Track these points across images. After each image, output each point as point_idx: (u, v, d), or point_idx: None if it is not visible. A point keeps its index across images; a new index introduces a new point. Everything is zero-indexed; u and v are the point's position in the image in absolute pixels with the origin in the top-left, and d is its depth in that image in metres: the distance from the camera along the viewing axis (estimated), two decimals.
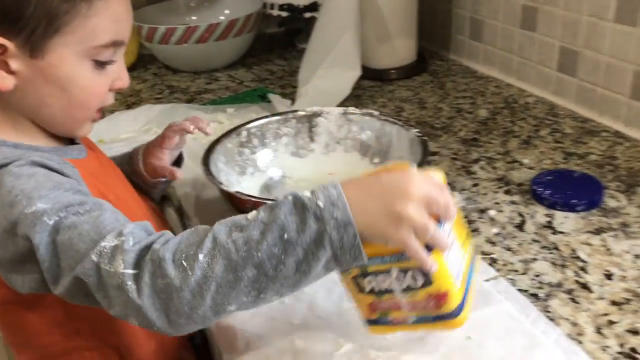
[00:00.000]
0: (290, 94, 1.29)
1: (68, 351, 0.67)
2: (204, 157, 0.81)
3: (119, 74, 0.65)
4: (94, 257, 0.51)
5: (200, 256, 0.50)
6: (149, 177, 0.81)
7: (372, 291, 0.58)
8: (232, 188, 0.75)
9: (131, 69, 1.38)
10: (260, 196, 0.75)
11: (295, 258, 0.50)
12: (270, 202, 0.73)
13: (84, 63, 0.61)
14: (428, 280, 0.55)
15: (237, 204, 0.76)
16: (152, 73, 1.48)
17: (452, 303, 0.56)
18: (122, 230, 0.53)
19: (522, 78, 1.25)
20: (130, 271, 0.51)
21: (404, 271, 0.55)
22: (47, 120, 0.65)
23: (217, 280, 0.50)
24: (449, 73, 1.36)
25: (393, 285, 0.56)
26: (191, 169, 0.90)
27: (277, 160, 0.91)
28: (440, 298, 0.56)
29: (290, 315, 0.68)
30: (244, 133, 0.90)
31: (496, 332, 0.64)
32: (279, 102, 1.21)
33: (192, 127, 0.79)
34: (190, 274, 0.50)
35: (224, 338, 0.67)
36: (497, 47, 1.30)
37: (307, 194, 0.52)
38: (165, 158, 0.80)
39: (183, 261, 0.50)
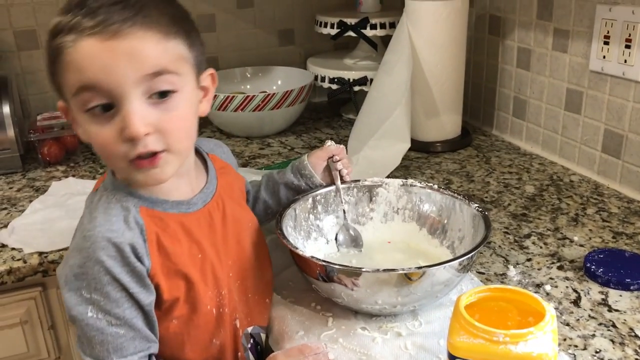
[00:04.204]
0: None
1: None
2: (276, 222, 0.86)
3: (124, 124, 0.65)
4: None
5: None
6: (318, 178, 0.95)
7: None
8: (300, 252, 0.80)
9: None
10: (330, 261, 0.79)
11: None
12: (337, 267, 0.77)
13: (84, 117, 0.67)
14: None
15: (307, 266, 0.81)
16: (206, 137, 1.55)
17: None
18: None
19: (566, 157, 1.30)
20: None
21: None
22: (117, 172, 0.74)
23: None
24: (492, 148, 1.42)
25: None
26: None
27: (339, 227, 0.96)
28: None
29: None
30: (310, 200, 0.95)
31: None
32: None
33: (344, 172, 0.97)
34: None
35: None
36: (541, 126, 1.35)
37: None
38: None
39: None
